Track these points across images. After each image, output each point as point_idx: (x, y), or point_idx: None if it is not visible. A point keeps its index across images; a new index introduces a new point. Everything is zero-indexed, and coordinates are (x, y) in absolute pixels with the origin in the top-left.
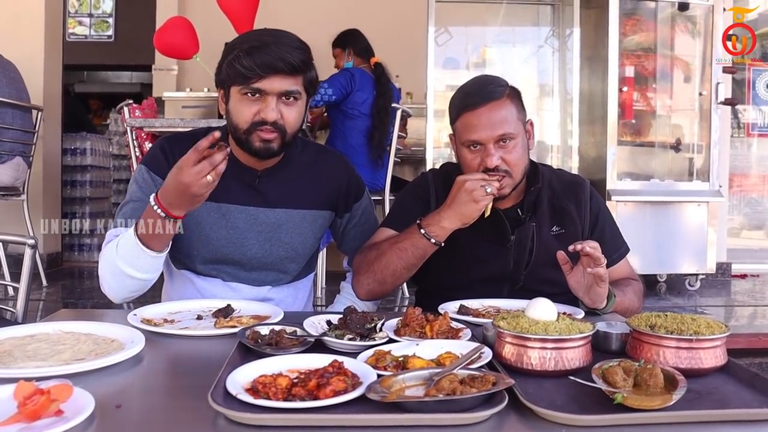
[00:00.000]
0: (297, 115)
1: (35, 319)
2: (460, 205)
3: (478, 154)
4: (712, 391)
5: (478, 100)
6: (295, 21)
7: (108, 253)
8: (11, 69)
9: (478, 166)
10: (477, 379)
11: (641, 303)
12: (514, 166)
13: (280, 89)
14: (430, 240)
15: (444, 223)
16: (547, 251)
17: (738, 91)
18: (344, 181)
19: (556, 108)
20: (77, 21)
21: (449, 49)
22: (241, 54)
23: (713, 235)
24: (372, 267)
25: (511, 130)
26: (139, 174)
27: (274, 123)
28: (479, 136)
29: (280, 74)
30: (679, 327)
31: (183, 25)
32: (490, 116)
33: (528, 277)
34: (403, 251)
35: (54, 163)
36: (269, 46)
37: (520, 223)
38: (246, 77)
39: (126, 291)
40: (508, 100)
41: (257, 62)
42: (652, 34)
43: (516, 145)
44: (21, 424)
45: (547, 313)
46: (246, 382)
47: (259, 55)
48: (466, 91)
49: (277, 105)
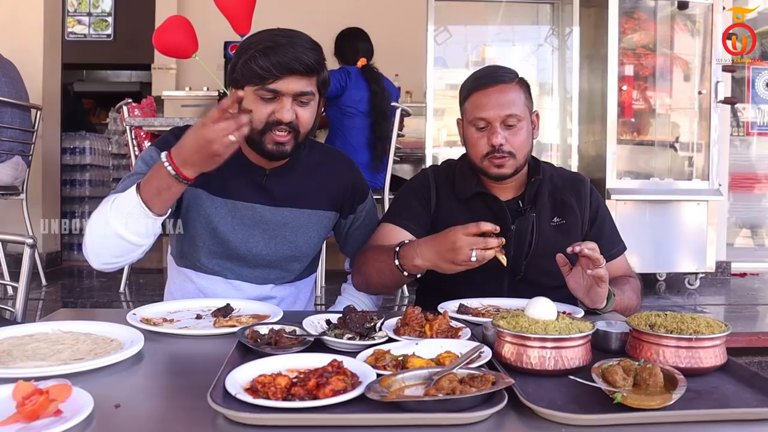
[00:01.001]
0: (311, 115)
1: (34, 318)
2: (439, 254)
3: (484, 134)
4: (712, 391)
5: (489, 81)
6: (294, 20)
7: (102, 209)
8: (10, 68)
9: (483, 144)
10: (476, 378)
11: (639, 301)
12: (519, 149)
13: (296, 90)
14: (403, 272)
15: (417, 261)
16: (546, 242)
17: (737, 89)
18: (350, 183)
19: (556, 107)
20: (76, 20)
21: (449, 48)
22: (257, 54)
23: (713, 234)
24: (361, 270)
25: (518, 112)
26: (147, 153)
27: (289, 123)
28: (487, 114)
29: (296, 75)
30: (679, 326)
31: (182, 24)
32: (499, 97)
33: (528, 268)
34: (381, 272)
35: (53, 162)
36: (284, 46)
37: (521, 215)
38: (262, 78)
39: (109, 254)
40: (518, 86)
41: (273, 63)
42: (652, 33)
43: (521, 129)
44: (20, 424)
45: (547, 312)
46: (245, 382)
47: (275, 56)
48: (477, 75)
49: (292, 106)
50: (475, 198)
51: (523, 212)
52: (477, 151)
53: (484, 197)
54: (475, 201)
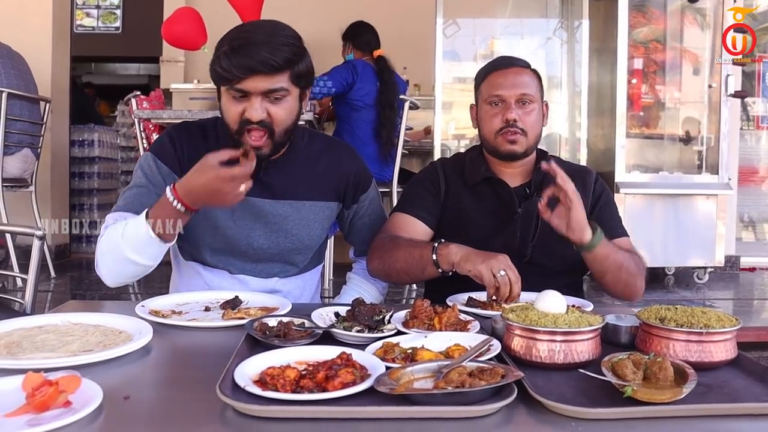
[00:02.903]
0: (287, 111)
1: (44, 310)
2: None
3: (499, 110)
4: (723, 385)
5: (506, 63)
6: (302, 12)
7: (112, 236)
8: (20, 61)
9: (498, 120)
10: (486, 371)
11: (641, 273)
12: (531, 128)
13: (264, 88)
14: (438, 267)
15: (452, 258)
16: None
17: (747, 83)
18: (351, 172)
19: (565, 100)
20: (85, 12)
21: (457, 41)
22: (221, 56)
23: (722, 228)
24: (383, 256)
25: (531, 93)
26: (144, 161)
27: (261, 123)
28: (503, 92)
29: (260, 74)
30: (689, 320)
31: (191, 16)
32: (515, 77)
33: (535, 251)
34: (410, 256)
35: (62, 154)
36: (246, 47)
37: (528, 199)
38: (227, 79)
39: (125, 277)
40: (532, 72)
41: (235, 64)
42: (662, 26)
43: (534, 110)
44: (29, 415)
45: (557, 305)
46: (254, 374)
47: (236, 57)
48: (492, 61)
49: (263, 103)
50: (483, 184)
51: (529, 197)
52: (491, 127)
53: (492, 183)
54: (483, 187)
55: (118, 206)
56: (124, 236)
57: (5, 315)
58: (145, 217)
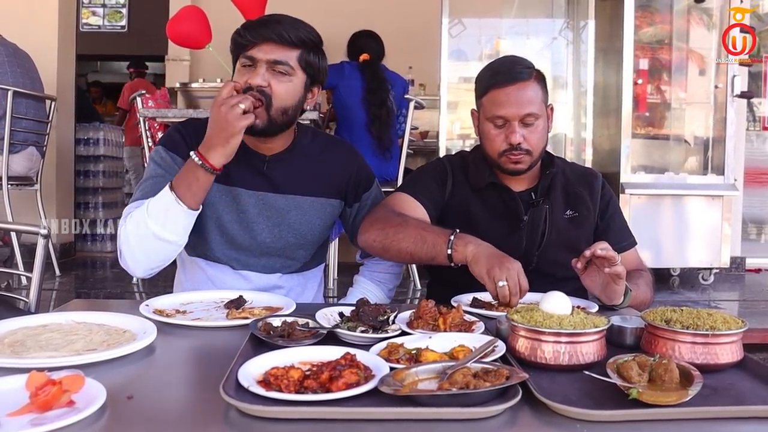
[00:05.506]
0: (287, 90)
1: (48, 308)
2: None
3: (502, 131)
4: (728, 387)
5: (508, 78)
6: (306, 11)
7: (136, 216)
8: (25, 59)
9: (501, 141)
10: (490, 372)
11: (653, 294)
12: (535, 146)
13: (271, 58)
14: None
15: (468, 257)
16: (559, 233)
17: (754, 84)
18: (353, 170)
19: (570, 100)
20: (90, 11)
21: (463, 41)
22: (242, 27)
23: (727, 229)
24: (386, 229)
25: (535, 111)
26: (156, 154)
27: (260, 90)
28: (506, 113)
29: (271, 42)
30: (695, 322)
31: (196, 15)
32: (518, 95)
33: (540, 259)
34: (421, 240)
35: (67, 153)
36: (270, 21)
37: (533, 206)
38: (242, 45)
39: (150, 259)
40: (535, 81)
41: (251, 31)
42: (668, 27)
43: (538, 126)
44: (33, 414)
45: (562, 306)
46: (258, 374)
47: (254, 26)
48: (494, 69)
49: (267, 73)
50: (488, 188)
51: (535, 204)
52: (494, 148)
53: (497, 188)
54: (488, 191)
55: (136, 197)
56: (149, 211)
57: (10, 313)
58: (169, 186)
